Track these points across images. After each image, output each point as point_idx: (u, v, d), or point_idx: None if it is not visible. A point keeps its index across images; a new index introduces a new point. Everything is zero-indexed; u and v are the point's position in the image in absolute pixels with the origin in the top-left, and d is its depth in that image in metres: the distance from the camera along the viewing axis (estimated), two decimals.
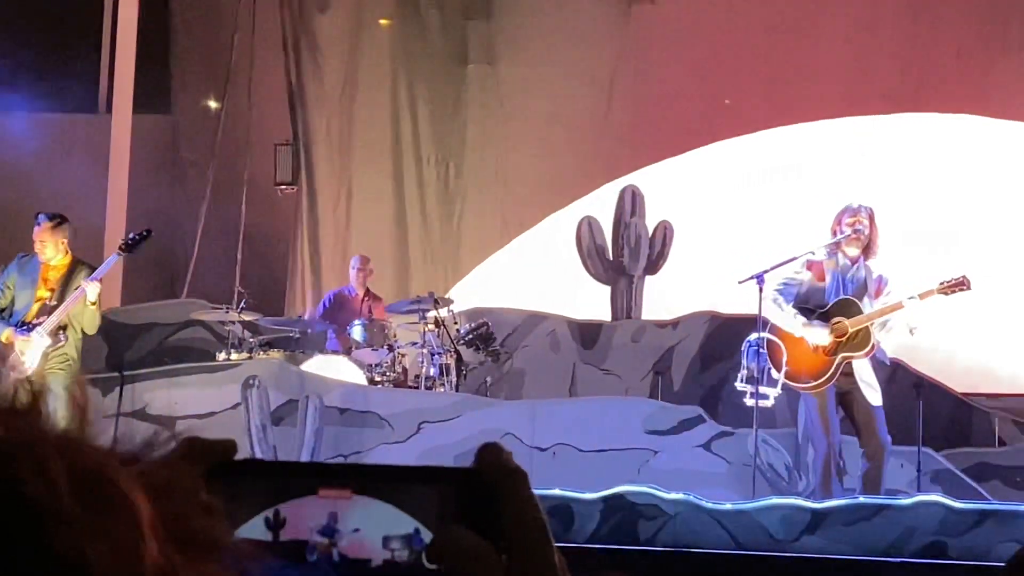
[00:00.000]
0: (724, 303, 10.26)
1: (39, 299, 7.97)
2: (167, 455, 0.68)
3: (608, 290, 11.76)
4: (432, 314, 9.83)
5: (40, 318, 7.90)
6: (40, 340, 7.85)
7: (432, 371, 9.67)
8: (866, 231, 7.16)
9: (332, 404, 8.96)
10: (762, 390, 7.31)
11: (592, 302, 11.70)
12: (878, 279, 7.20)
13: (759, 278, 7.29)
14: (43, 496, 0.59)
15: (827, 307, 7.14)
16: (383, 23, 13.80)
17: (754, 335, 7.39)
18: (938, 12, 12.63)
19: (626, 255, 11.68)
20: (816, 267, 7.24)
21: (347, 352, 9.83)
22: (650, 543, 6.68)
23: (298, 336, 10.24)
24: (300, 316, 11.20)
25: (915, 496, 7.03)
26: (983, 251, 11.44)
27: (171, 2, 14.13)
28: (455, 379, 9.74)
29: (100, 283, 7.97)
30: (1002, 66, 12.29)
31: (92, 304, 7.89)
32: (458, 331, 10.08)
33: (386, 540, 0.81)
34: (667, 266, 11.79)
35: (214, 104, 13.97)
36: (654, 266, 11.75)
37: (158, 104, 13.96)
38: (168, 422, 8.89)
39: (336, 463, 0.93)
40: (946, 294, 7.06)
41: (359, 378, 9.48)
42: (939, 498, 6.84)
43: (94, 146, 12.95)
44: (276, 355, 9.75)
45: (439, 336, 9.87)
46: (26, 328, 7.88)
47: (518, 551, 0.79)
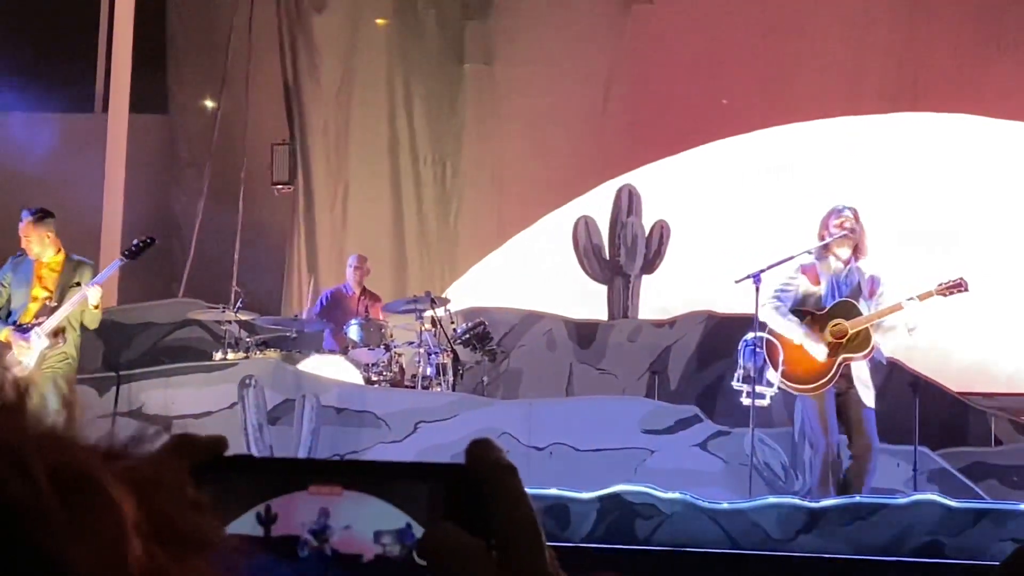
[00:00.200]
0: (721, 302, 10.26)
1: (35, 298, 7.96)
2: (155, 451, 0.67)
3: (605, 289, 11.75)
4: (429, 313, 9.84)
5: (39, 318, 7.89)
6: (38, 341, 7.84)
7: (429, 370, 9.67)
8: (855, 231, 7.19)
9: (329, 403, 8.95)
10: (758, 389, 7.32)
11: (589, 301, 11.70)
12: (871, 279, 7.22)
13: (756, 277, 7.30)
14: (24, 495, 0.58)
15: (825, 310, 7.16)
16: (380, 23, 13.80)
17: (751, 334, 7.40)
18: (933, 12, 12.63)
19: (623, 254, 11.67)
20: (810, 271, 7.26)
21: (344, 351, 9.82)
22: (647, 542, 6.68)
23: (295, 336, 10.23)
24: (297, 316, 11.19)
25: (912, 495, 7.03)
26: (979, 251, 11.44)
27: (167, 2, 14.12)
28: (452, 378, 9.74)
29: (101, 287, 7.99)
30: (998, 66, 12.30)
31: (95, 307, 7.91)
32: (455, 330, 10.08)
33: (377, 535, 0.81)
34: (664, 265, 11.79)
35: (211, 104, 13.96)
36: (651, 265, 11.74)
37: (155, 104, 13.96)
38: (164, 421, 8.89)
39: (327, 459, 0.94)
40: (944, 296, 7.11)
41: (356, 377, 9.48)
42: (936, 497, 6.84)
43: (91, 146, 12.94)
44: (273, 354, 9.75)
45: (436, 335, 9.86)
46: (25, 329, 7.87)
47: (508, 547, 0.78)
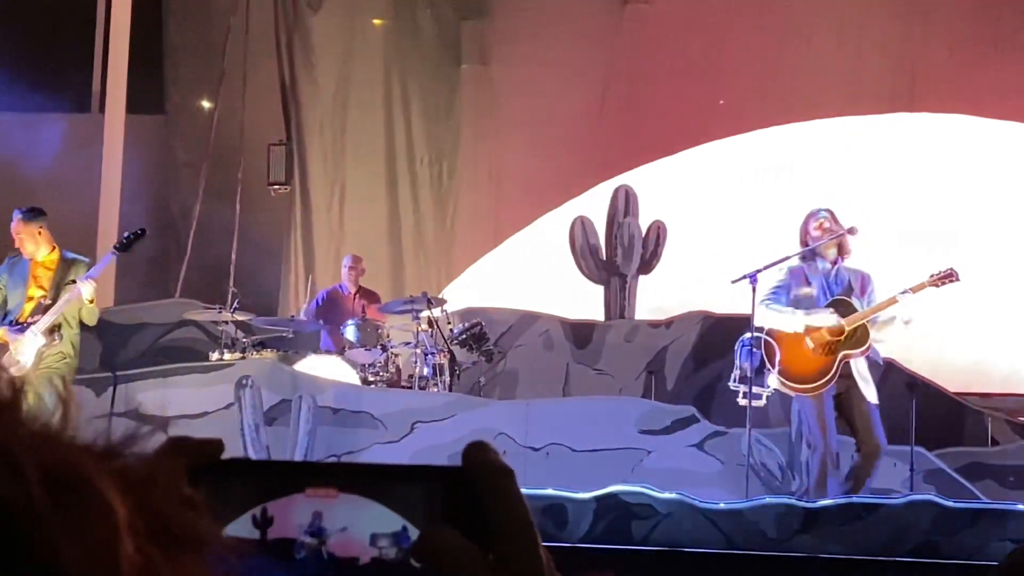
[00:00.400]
0: (717, 303, 10.26)
1: (31, 298, 7.96)
2: (150, 452, 0.67)
3: (601, 290, 11.75)
4: (425, 314, 9.83)
5: (34, 317, 7.88)
6: (34, 339, 7.83)
7: (426, 371, 9.66)
8: (837, 231, 7.23)
9: (325, 404, 8.95)
10: (755, 390, 7.32)
11: (585, 302, 11.70)
12: (861, 277, 7.27)
13: (752, 277, 7.30)
14: (16, 495, 0.58)
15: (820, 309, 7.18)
16: (376, 23, 13.80)
17: (747, 334, 7.41)
18: (930, 12, 12.65)
19: (619, 255, 11.67)
20: (799, 274, 7.30)
21: (340, 352, 9.82)
22: (644, 543, 6.68)
23: (291, 336, 10.23)
24: (293, 316, 11.19)
25: (908, 496, 7.03)
26: (975, 251, 11.44)
27: (164, 3, 14.12)
28: (448, 379, 9.74)
29: (95, 281, 7.97)
30: (995, 66, 12.31)
31: (90, 302, 7.88)
32: (451, 331, 10.08)
33: (374, 538, 0.81)
34: (660, 266, 11.79)
35: (207, 104, 13.96)
36: (647, 266, 11.74)
37: (151, 104, 13.96)
38: (161, 422, 8.88)
39: (323, 462, 0.93)
40: (937, 286, 7.16)
41: (352, 378, 9.48)
42: (932, 497, 6.85)
43: (88, 146, 12.93)
44: (269, 355, 9.75)
45: (432, 336, 9.86)
46: (20, 327, 7.86)
47: (504, 550, 0.78)
